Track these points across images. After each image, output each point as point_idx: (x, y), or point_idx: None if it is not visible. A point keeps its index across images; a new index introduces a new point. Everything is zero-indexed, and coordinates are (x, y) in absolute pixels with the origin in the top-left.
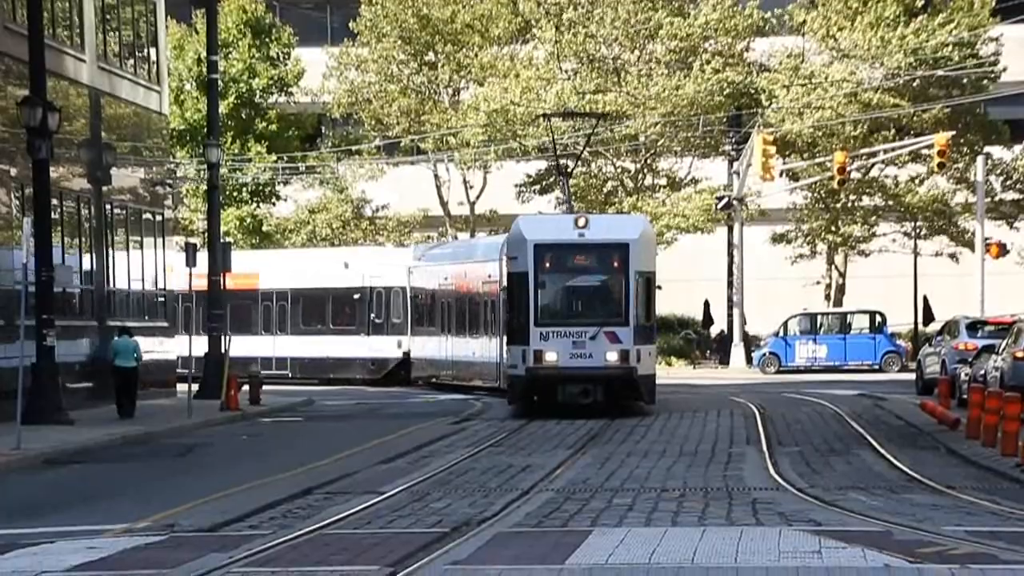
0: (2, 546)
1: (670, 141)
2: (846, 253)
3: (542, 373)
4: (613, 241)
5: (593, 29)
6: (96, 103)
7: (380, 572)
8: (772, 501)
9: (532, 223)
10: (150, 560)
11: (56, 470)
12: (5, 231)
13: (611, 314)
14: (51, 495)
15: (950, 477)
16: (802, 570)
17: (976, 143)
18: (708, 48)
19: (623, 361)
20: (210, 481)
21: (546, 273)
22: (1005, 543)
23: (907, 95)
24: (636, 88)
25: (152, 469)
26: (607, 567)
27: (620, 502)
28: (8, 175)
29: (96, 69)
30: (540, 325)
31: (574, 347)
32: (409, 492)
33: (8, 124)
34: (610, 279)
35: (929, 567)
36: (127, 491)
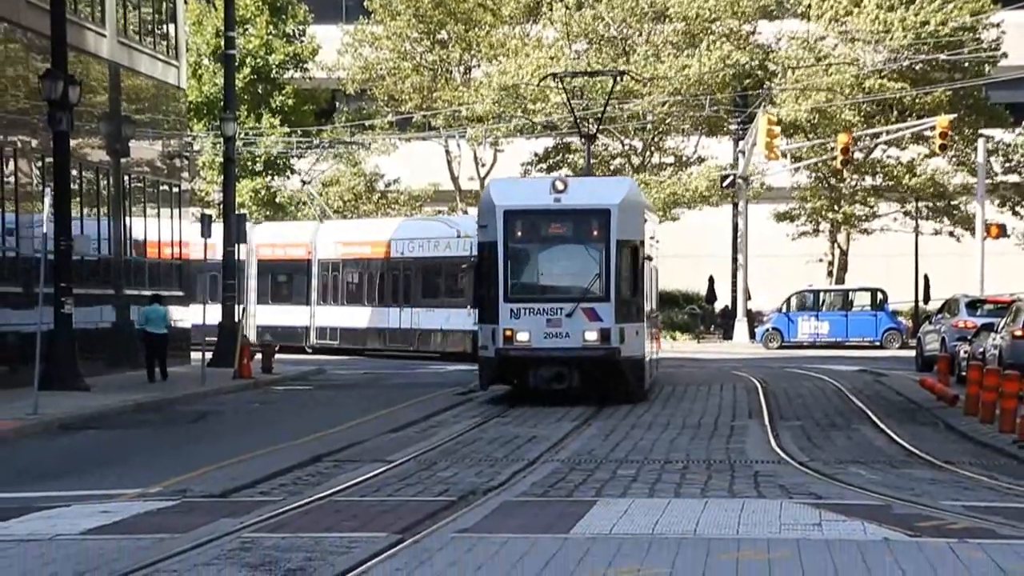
0: (18, 509)
1: (677, 120)
2: (848, 232)
3: (513, 355)
4: (592, 207)
5: (602, 10)
6: (116, 77)
7: (388, 539)
8: (773, 474)
9: (504, 187)
10: (162, 524)
11: (72, 435)
12: (26, 201)
13: (589, 288)
14: (66, 460)
15: (948, 453)
16: (802, 542)
17: (977, 126)
18: (715, 30)
19: (603, 341)
20: (221, 447)
21: (517, 243)
22: (1002, 518)
23: (910, 78)
24: (644, 68)
25: (165, 435)
26: (611, 537)
27: (624, 473)
28: (29, 146)
29: (116, 43)
30: (510, 301)
31: (548, 325)
32: (417, 461)
33: (30, 96)
34: (589, 249)
35: (927, 541)
36: (140, 456)
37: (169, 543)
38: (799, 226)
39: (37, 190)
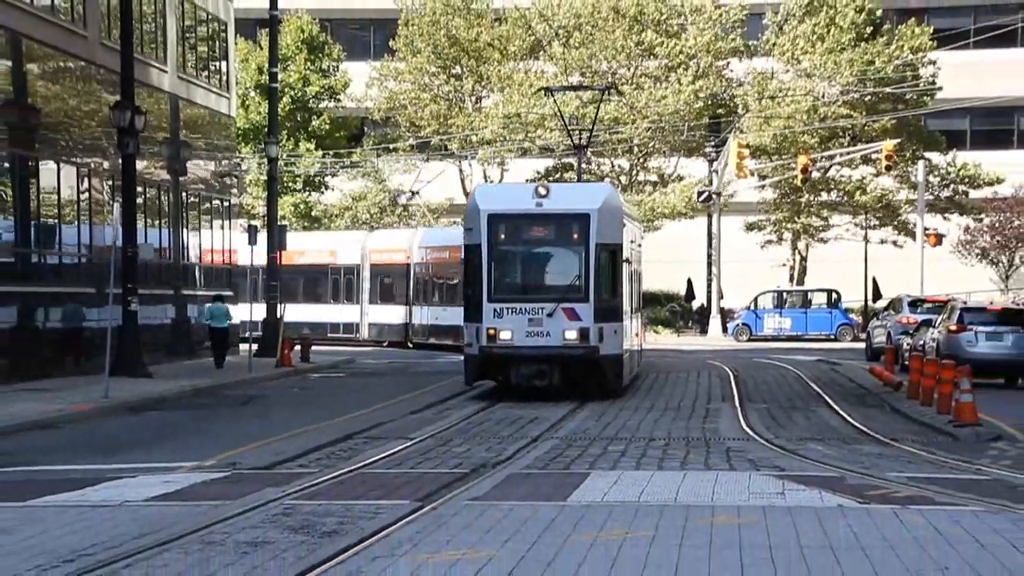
0: (92, 479)
1: (659, 143)
2: (807, 240)
3: (496, 352)
4: (573, 211)
5: (595, 49)
6: (175, 107)
7: (410, 505)
8: (743, 450)
9: (489, 192)
10: (216, 493)
11: (137, 416)
12: (98, 214)
13: (570, 289)
14: (133, 437)
15: (893, 431)
16: (768, 509)
17: (917, 149)
18: (692, 65)
19: (583, 340)
20: (266, 427)
21: (501, 245)
22: (939, 488)
23: (859, 108)
24: (630, 98)
25: (217, 416)
26: (602, 504)
27: (614, 449)
28: (101, 167)
29: (176, 78)
30: (494, 301)
31: (530, 325)
32: (435, 438)
33: (102, 125)
34: (569, 251)
35: (875, 507)
36: (196, 434)
37: (221, 509)
38: (765, 235)
39: (107, 205)
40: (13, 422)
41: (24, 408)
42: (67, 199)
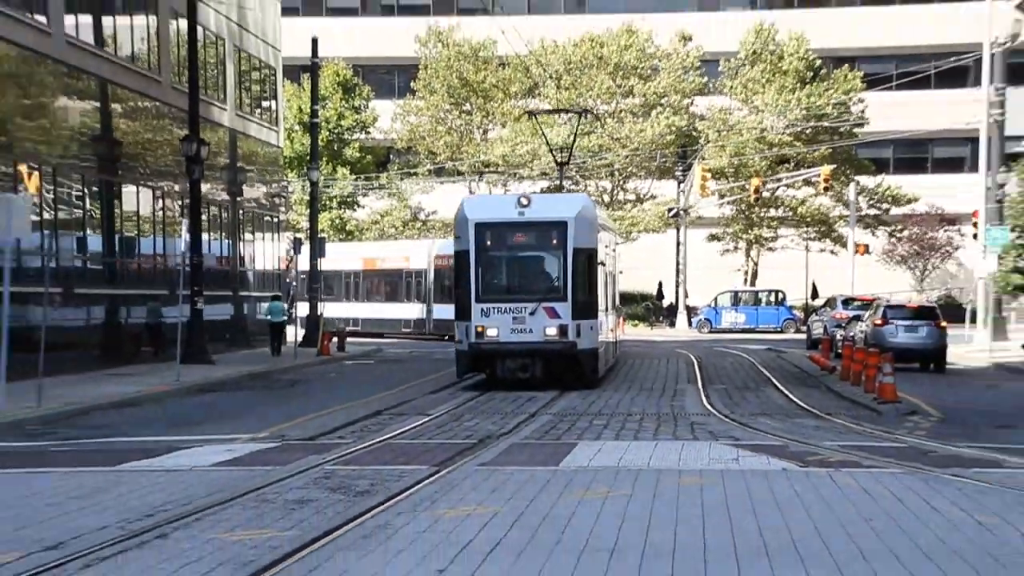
0: (166, 448)
1: (636, 168)
2: (758, 249)
3: (484, 348)
4: (551, 219)
5: (583, 90)
6: (233, 139)
7: (429, 469)
8: (705, 423)
9: (476, 203)
10: (268, 459)
11: (203, 396)
12: (170, 228)
13: (550, 290)
14: (200, 413)
15: (828, 407)
16: (725, 472)
17: (849, 174)
18: (663, 103)
19: (562, 335)
20: (309, 405)
21: (487, 251)
22: (866, 453)
23: (801, 139)
24: (612, 130)
25: (269, 396)
26: (588, 469)
27: (598, 423)
28: (172, 189)
29: (234, 115)
30: (481, 301)
31: (514, 322)
32: (449, 415)
33: (173, 154)
34: (549, 256)
35: (813, 470)
36: (252, 411)
37: (273, 473)
38: (724, 245)
39: (178, 221)
40: (104, 401)
41: (112, 390)
42: (145, 216)
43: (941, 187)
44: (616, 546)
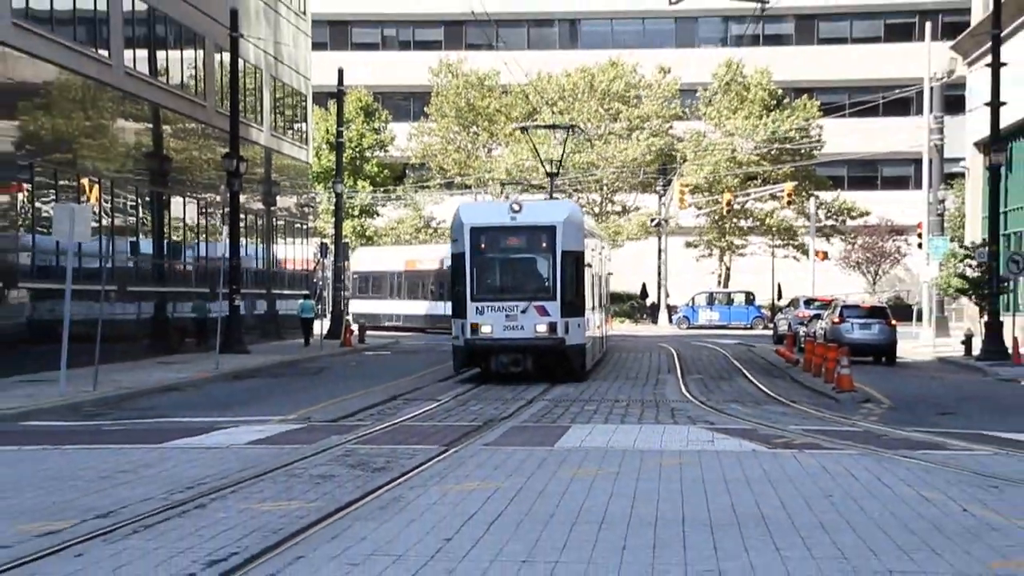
0: (207, 428)
1: (622, 183)
2: (730, 255)
3: (479, 343)
4: (541, 224)
5: (575, 115)
6: (268, 156)
7: (438, 449)
8: (683, 409)
9: (471, 209)
10: (296, 438)
11: (239, 382)
12: (213, 234)
13: (540, 290)
14: (236, 397)
15: (792, 395)
16: (701, 452)
17: (809, 189)
18: (645, 126)
19: (551, 332)
20: (332, 390)
21: (481, 253)
22: (826, 437)
23: (767, 159)
24: (600, 149)
25: (297, 382)
26: (580, 449)
27: (588, 408)
28: (215, 200)
29: (269, 135)
30: (476, 300)
31: (507, 320)
32: (455, 400)
33: (215, 169)
34: (539, 258)
35: (779, 451)
36: (281, 396)
37: (300, 451)
38: (700, 251)
39: (219, 228)
40: (151, 386)
41: (159, 376)
42: (190, 224)
43: (890, 202)
44: (605, 518)
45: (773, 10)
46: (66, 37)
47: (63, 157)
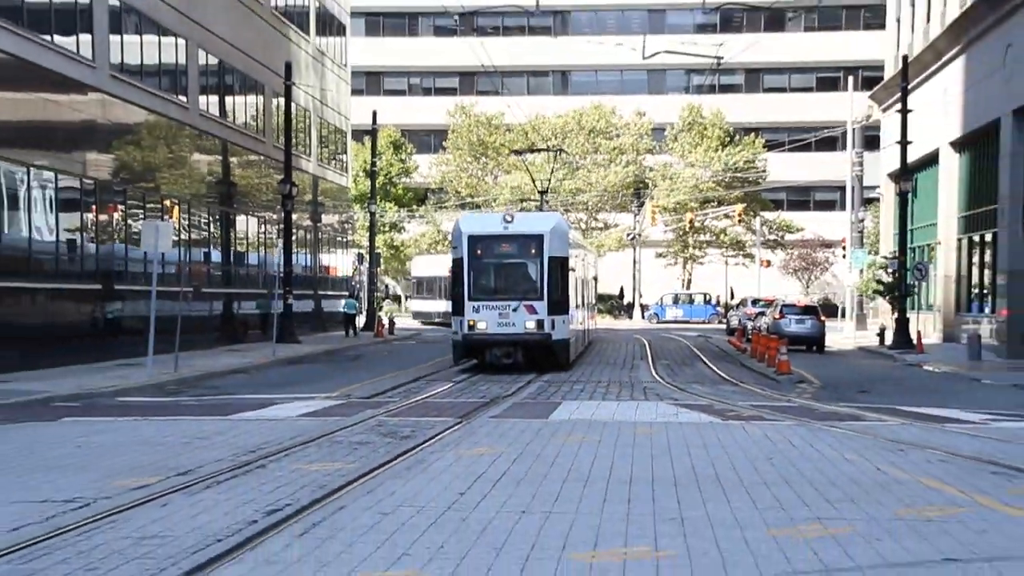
0: (265, 403)
1: (603, 204)
2: (692, 263)
3: (475, 338)
4: (530, 232)
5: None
6: (315, 182)
7: (454, 420)
8: (653, 388)
9: (470, 220)
10: (338, 412)
11: (292, 366)
12: (271, 246)
13: (529, 291)
14: (289, 379)
15: (741, 377)
16: (668, 424)
17: (756, 210)
18: (623, 158)
19: (539, 328)
20: (367, 373)
21: (478, 259)
22: (768, 410)
23: (722, 185)
24: (585, 176)
25: (337, 366)
26: (569, 421)
27: (576, 387)
28: (272, 218)
29: (316, 164)
30: (473, 300)
31: (500, 317)
32: (467, 381)
33: (272, 193)
34: (528, 263)
35: (731, 422)
36: (325, 377)
37: (340, 422)
38: (667, 260)
39: (275, 240)
40: (220, 369)
41: (226, 361)
42: (251, 237)
43: (820, 221)
44: (589, 476)
45: (727, 64)
46: (153, 86)
47: (149, 183)
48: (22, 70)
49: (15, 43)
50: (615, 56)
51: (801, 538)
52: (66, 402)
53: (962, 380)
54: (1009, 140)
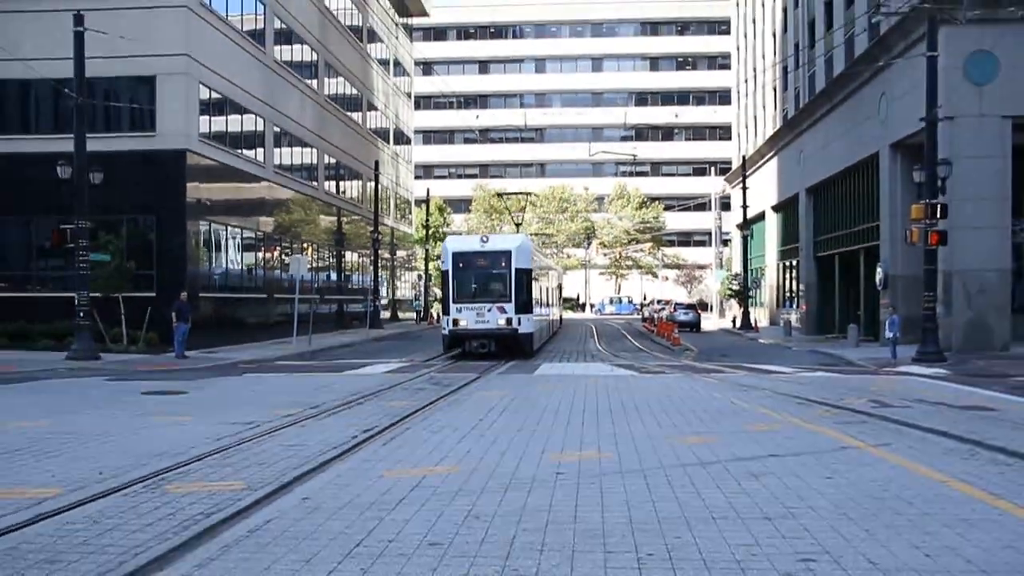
0: (361, 365)
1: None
2: (620, 279)
3: (459, 332)
4: (501, 249)
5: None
6: (392, 232)
7: (475, 375)
8: (597, 355)
9: (455, 240)
10: (406, 371)
11: (378, 342)
12: (366, 270)
13: (501, 295)
14: (376, 350)
15: (651, 348)
16: (607, 376)
17: (660, 246)
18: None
19: (508, 324)
20: (422, 347)
21: (460, 271)
22: (667, 367)
23: (640, 232)
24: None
25: (406, 343)
26: (548, 376)
27: (551, 355)
28: (366, 253)
29: (393, 221)
30: (456, 302)
31: (477, 316)
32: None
33: (366, 238)
34: (500, 273)
35: (645, 375)
36: (398, 350)
37: (407, 376)
38: (605, 277)
39: (368, 266)
40: (336, 344)
41: (339, 340)
42: (354, 265)
43: (697, 254)
44: (558, 409)
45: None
46: (297, 176)
47: (293, 233)
48: (226, 170)
49: (223, 156)
50: (572, 154)
51: (686, 444)
52: (246, 364)
53: (780, 348)
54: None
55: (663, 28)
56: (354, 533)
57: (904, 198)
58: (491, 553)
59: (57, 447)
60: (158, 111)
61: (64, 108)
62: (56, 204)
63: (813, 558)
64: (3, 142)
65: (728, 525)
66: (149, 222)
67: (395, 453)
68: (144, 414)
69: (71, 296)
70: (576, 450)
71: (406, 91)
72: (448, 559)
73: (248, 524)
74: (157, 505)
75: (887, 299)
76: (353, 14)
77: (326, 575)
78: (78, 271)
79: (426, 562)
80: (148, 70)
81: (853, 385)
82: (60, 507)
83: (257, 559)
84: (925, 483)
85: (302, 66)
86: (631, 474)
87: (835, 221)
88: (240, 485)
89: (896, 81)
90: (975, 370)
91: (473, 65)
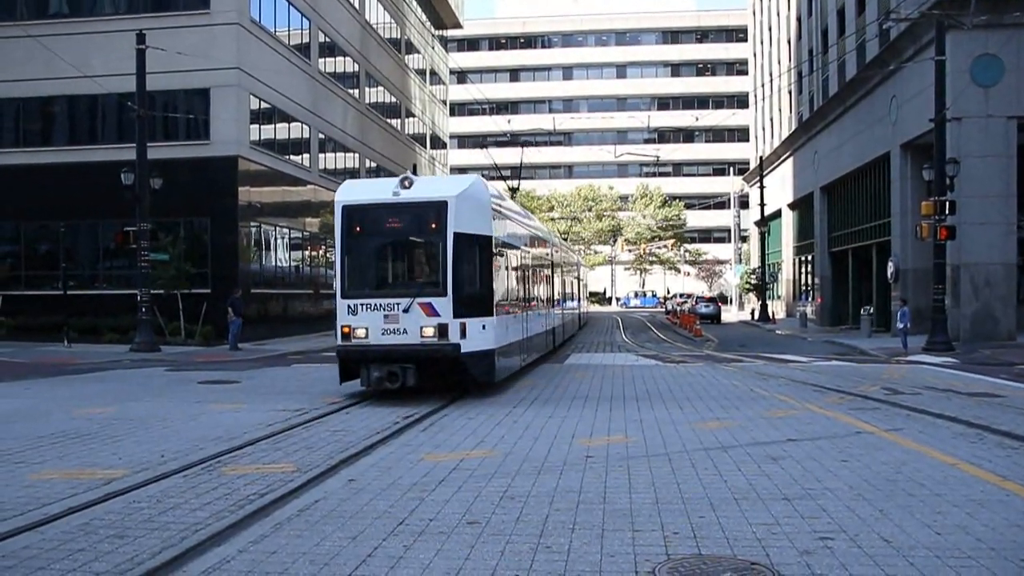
0: None
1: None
2: (644, 274)
3: (352, 351)
4: (429, 200)
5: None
6: None
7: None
8: (624, 346)
9: (352, 186)
10: None
11: None
12: None
13: (427, 283)
14: None
15: (674, 339)
16: (633, 366)
17: (681, 243)
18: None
19: (441, 336)
20: None
21: (355, 238)
22: (689, 357)
23: (663, 228)
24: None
25: None
26: (576, 365)
27: (579, 345)
28: None
29: None
30: (347, 297)
31: (385, 322)
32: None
33: None
34: (426, 243)
35: (670, 365)
36: None
37: None
38: (630, 272)
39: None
40: None
41: None
42: None
43: (718, 249)
44: (587, 395)
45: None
46: (340, 179)
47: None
48: (274, 175)
49: (272, 161)
50: (599, 156)
51: (708, 429)
52: (294, 356)
53: (796, 338)
54: (817, 201)
55: (683, 37)
56: (397, 512)
57: (914, 195)
58: (525, 531)
59: (123, 432)
60: (212, 121)
61: (127, 120)
62: (120, 208)
63: (831, 536)
64: (73, 152)
65: (749, 505)
66: (204, 224)
67: (434, 438)
68: (201, 402)
69: (134, 293)
70: (604, 435)
71: (442, 99)
72: (485, 536)
73: (298, 504)
74: (214, 486)
75: (898, 291)
76: (392, 27)
77: (372, 551)
78: (140, 270)
79: (465, 539)
80: (203, 83)
81: (866, 373)
82: (127, 487)
83: (307, 536)
84: (936, 466)
85: (344, 76)
86: (656, 458)
87: (848, 218)
88: (291, 467)
89: (906, 84)
90: (982, 359)
91: (504, 74)
